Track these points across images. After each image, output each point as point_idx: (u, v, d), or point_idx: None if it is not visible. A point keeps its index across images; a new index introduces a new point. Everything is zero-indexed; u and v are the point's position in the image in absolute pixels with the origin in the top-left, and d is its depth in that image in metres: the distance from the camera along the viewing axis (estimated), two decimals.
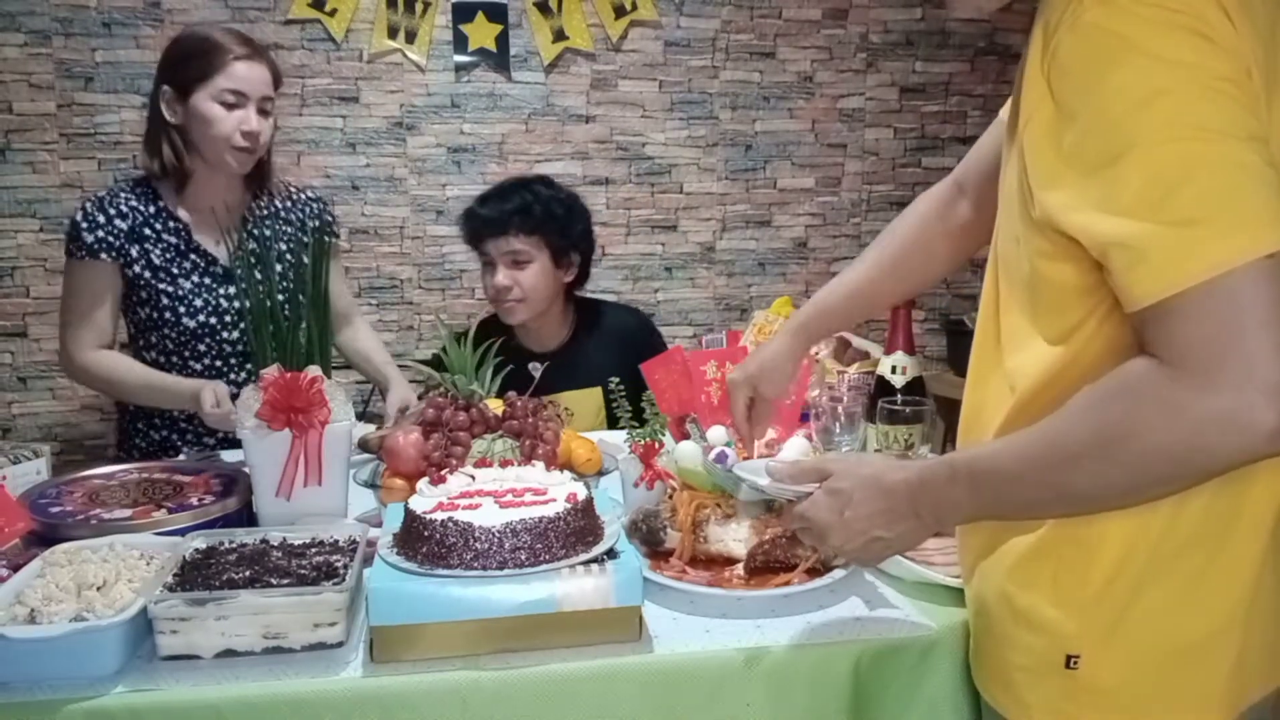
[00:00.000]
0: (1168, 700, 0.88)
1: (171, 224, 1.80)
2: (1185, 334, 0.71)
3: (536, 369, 1.58)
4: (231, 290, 1.81)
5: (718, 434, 1.34)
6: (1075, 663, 0.88)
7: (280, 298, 1.42)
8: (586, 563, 1.05)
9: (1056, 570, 0.89)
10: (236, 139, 1.74)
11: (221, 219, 1.76)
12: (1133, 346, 0.77)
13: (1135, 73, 0.73)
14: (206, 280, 1.81)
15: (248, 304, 1.38)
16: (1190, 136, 0.71)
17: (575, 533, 1.07)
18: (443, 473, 1.20)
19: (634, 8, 2.99)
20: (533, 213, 2.03)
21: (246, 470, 1.36)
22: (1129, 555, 0.86)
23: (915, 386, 1.56)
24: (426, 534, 1.05)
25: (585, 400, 2.05)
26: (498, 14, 2.94)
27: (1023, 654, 0.93)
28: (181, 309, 1.79)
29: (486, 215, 2.05)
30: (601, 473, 1.60)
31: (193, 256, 1.81)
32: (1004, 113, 1.08)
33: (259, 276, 1.38)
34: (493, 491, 1.15)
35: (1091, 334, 0.84)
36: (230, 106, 1.73)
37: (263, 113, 1.78)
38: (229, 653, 1.01)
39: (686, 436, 1.43)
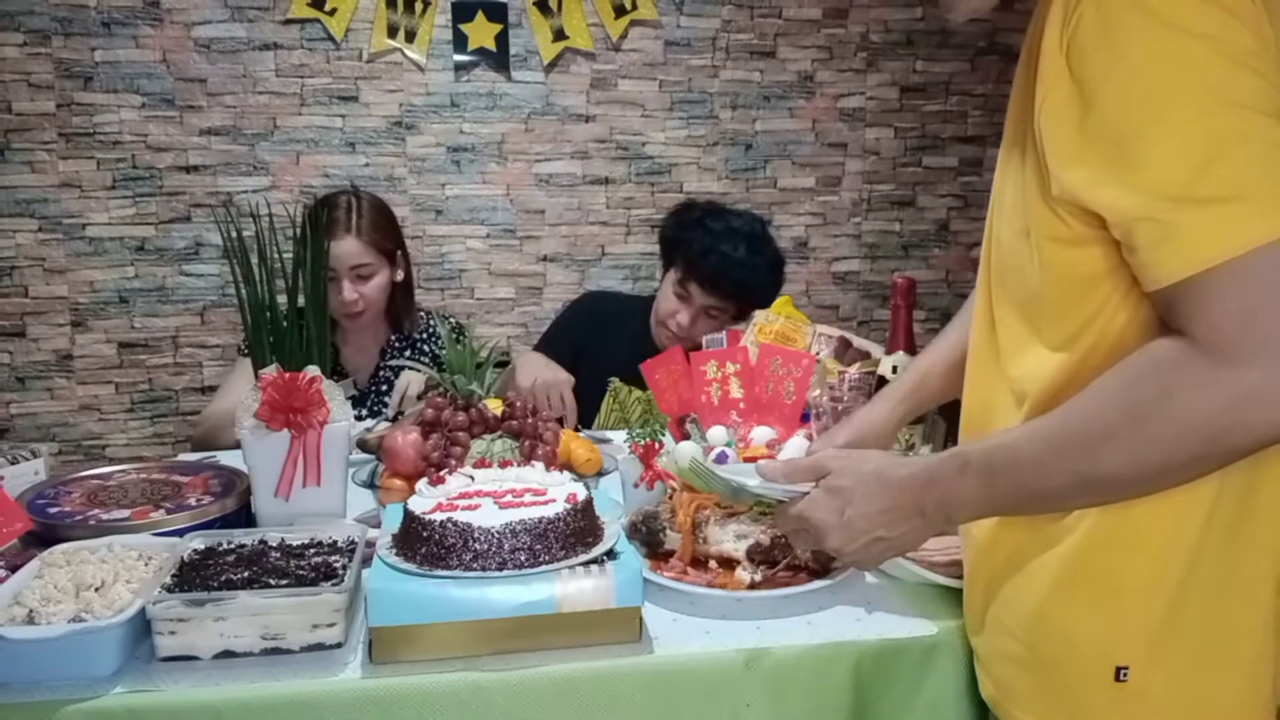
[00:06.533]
0: (1215, 699, 0.85)
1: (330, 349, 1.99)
2: (1216, 311, 0.71)
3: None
4: (360, 412, 2.09)
5: (718, 434, 1.34)
6: (1125, 674, 0.85)
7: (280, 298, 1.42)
8: (586, 563, 1.04)
9: (1095, 579, 0.86)
10: (339, 308, 1.99)
11: (354, 358, 2.11)
12: (1147, 337, 0.76)
13: (1160, 44, 0.72)
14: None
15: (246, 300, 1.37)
16: (1219, 111, 0.71)
17: (575, 533, 1.07)
18: (442, 473, 1.20)
19: (634, 7, 2.99)
20: (751, 289, 2.12)
21: (245, 470, 1.36)
22: (1169, 553, 0.83)
23: None
24: (425, 535, 1.05)
25: None
26: (497, 13, 2.93)
27: (1061, 673, 0.88)
28: None
29: (714, 269, 2.09)
30: (601, 473, 1.60)
31: (334, 376, 2.09)
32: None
33: (257, 274, 1.37)
34: (492, 492, 1.14)
35: (1103, 329, 0.82)
36: (331, 280, 1.95)
37: (360, 279, 2.01)
38: (227, 653, 1.01)
39: (686, 436, 1.42)
